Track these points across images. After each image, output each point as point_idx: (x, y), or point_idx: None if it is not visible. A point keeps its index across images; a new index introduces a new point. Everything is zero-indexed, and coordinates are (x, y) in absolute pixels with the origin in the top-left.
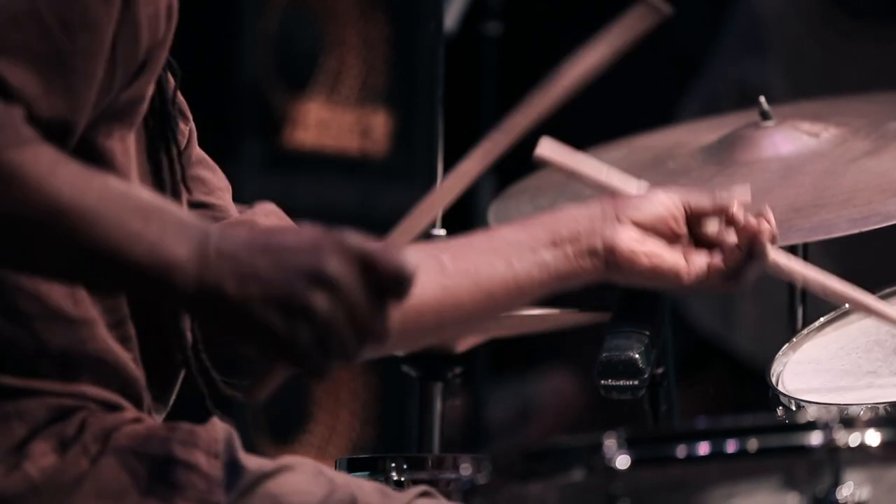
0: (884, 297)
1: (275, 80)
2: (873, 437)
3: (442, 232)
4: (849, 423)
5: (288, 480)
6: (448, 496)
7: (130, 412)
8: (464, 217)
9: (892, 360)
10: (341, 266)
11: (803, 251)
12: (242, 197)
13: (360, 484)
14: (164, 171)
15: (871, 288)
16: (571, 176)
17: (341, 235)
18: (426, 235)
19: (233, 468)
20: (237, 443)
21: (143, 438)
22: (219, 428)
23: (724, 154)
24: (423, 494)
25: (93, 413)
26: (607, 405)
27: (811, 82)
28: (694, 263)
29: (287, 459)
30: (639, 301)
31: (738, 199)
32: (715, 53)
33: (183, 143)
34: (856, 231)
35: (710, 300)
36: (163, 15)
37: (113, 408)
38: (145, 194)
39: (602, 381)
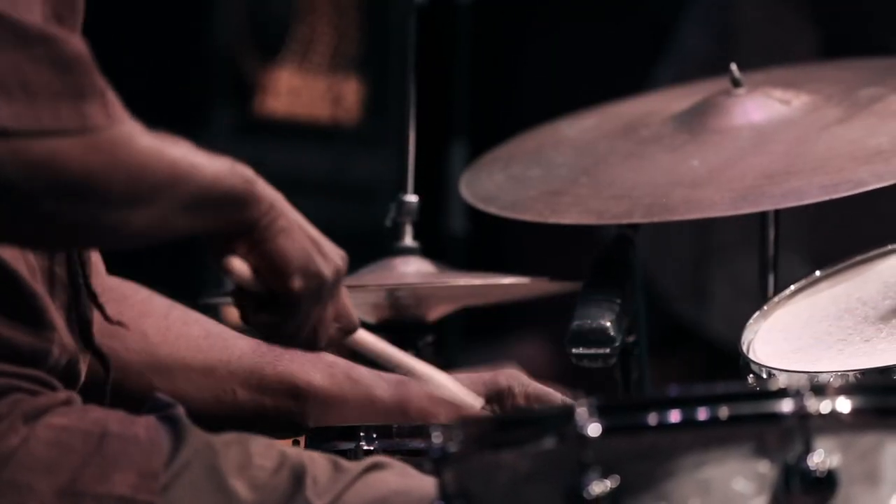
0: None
1: (246, 47)
2: (844, 405)
3: (414, 198)
4: (819, 390)
5: (235, 453)
6: (419, 465)
7: (62, 393)
8: (436, 185)
9: (862, 328)
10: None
11: (775, 218)
12: None
13: (312, 456)
14: None
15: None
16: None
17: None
18: (397, 200)
19: (176, 439)
20: (181, 413)
21: (78, 416)
22: (159, 400)
23: (695, 122)
24: (374, 467)
25: (25, 395)
26: (579, 373)
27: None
28: None
29: (239, 434)
30: (611, 269)
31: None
32: (682, 27)
33: None
34: (826, 198)
35: (682, 278)
36: None
37: (45, 385)
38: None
39: (573, 350)
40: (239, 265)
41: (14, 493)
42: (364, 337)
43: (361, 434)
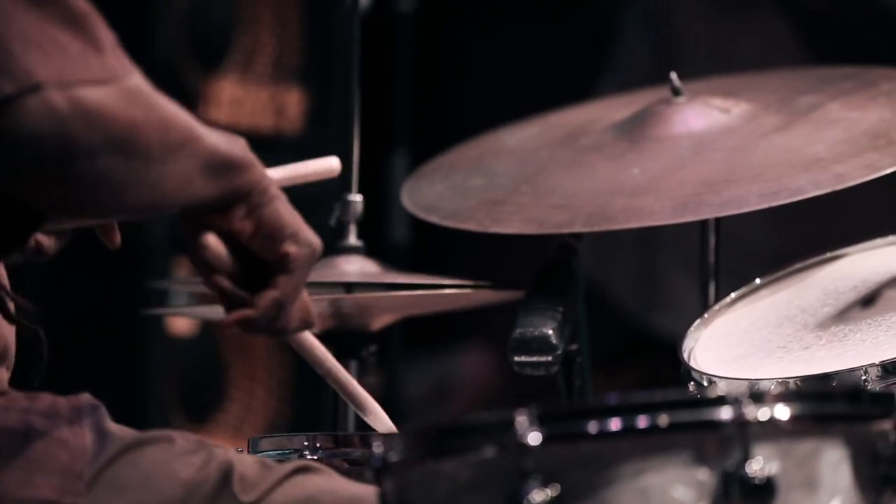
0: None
1: (187, 57)
2: (783, 412)
3: (358, 197)
4: (758, 397)
5: (160, 450)
6: (360, 474)
7: None
8: (378, 194)
9: (802, 335)
10: None
11: (715, 226)
12: None
13: (241, 457)
14: None
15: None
16: None
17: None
18: (342, 199)
19: (100, 437)
20: (104, 413)
21: (2, 412)
22: (83, 398)
23: (635, 130)
24: (302, 469)
25: None
26: (523, 382)
27: (705, 65)
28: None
29: (166, 432)
30: (553, 278)
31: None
32: (622, 39)
33: None
34: (766, 206)
35: (633, 282)
36: None
37: None
38: None
39: (516, 358)
40: (215, 241)
41: None
42: (309, 338)
43: (305, 444)
